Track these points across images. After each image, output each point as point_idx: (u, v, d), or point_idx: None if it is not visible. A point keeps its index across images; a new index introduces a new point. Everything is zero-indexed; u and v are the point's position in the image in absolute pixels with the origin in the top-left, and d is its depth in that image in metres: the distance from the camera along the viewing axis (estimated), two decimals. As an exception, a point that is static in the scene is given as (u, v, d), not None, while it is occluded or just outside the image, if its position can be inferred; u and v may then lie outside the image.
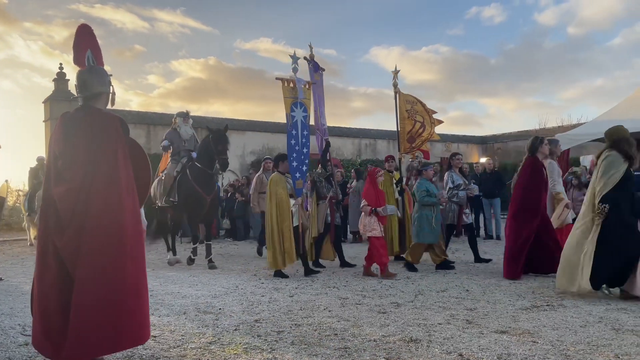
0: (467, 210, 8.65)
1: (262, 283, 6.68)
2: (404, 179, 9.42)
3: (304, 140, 7.66)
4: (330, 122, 10.71)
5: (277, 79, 7.77)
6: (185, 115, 9.25)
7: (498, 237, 11.90)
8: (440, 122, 9.25)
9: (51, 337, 3.18)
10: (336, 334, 4.12)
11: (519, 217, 6.67)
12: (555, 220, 6.96)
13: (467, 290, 5.87)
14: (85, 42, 3.62)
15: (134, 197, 3.44)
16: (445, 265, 7.59)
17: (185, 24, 41.47)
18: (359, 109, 47.40)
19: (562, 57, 45.63)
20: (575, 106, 56.75)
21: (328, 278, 6.98)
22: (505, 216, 7.32)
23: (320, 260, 8.12)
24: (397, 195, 8.59)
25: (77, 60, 3.62)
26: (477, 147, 26.67)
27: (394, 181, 8.69)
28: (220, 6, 43.47)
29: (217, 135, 8.42)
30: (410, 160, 10.10)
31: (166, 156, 9.36)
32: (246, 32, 46.04)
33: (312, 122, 8.22)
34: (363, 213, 7.32)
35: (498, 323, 4.37)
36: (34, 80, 42.43)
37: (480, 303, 5.19)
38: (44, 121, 17.69)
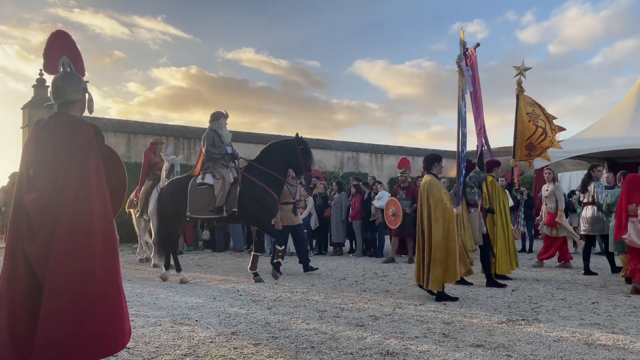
0: None
1: (240, 295, 6.63)
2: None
3: (464, 139, 6.72)
4: (313, 134, 10.71)
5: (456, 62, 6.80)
6: (226, 117, 8.25)
7: None
8: (562, 129, 8.53)
9: (17, 347, 3.11)
10: (313, 347, 4.11)
11: None
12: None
13: (445, 305, 5.91)
14: (58, 49, 3.59)
15: (106, 205, 3.39)
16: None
17: (166, 32, 41.30)
18: (342, 122, 47.63)
19: (543, 74, 46.54)
20: (556, 123, 57.77)
21: (307, 290, 6.96)
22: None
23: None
24: (511, 203, 8.27)
25: (48, 68, 3.60)
26: (458, 162, 26.98)
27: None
28: (202, 15, 43.45)
29: (307, 148, 7.88)
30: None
31: (201, 157, 8.25)
32: (228, 42, 46.03)
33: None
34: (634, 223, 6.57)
35: (474, 337, 4.41)
36: (9, 84, 41.75)
37: (457, 317, 5.22)
38: (22, 127, 17.42)
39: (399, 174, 11.37)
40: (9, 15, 38.64)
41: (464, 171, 6.68)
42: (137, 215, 10.53)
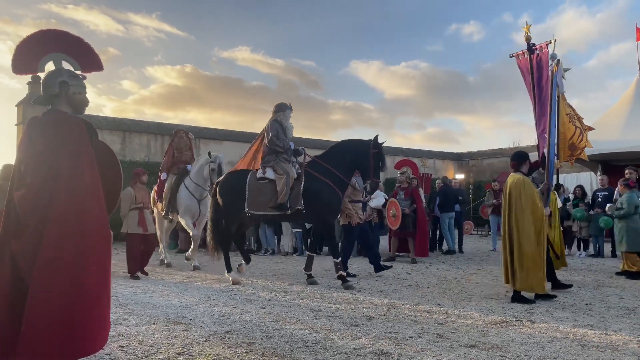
0: None
1: (235, 294, 6.62)
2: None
3: (553, 139, 6.44)
4: (309, 134, 10.61)
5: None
6: (290, 109, 7.74)
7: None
8: (591, 128, 8.44)
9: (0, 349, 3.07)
10: (307, 346, 4.11)
11: None
12: None
13: (439, 305, 5.92)
14: (40, 48, 3.48)
15: (100, 202, 3.36)
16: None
17: (161, 29, 41.29)
18: (338, 122, 47.75)
19: (538, 77, 46.73)
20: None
21: (301, 290, 6.96)
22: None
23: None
24: (560, 203, 8.28)
25: (16, 67, 3.45)
26: (453, 163, 27.05)
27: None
28: (197, 13, 43.44)
29: (382, 153, 7.37)
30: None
31: (253, 153, 7.86)
32: (224, 40, 46.02)
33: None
34: None
35: (468, 337, 4.42)
36: (1, 81, 41.63)
37: (451, 317, 5.23)
38: (16, 125, 17.33)
39: (398, 175, 11.36)
40: (1, 11, 38.51)
41: (553, 169, 6.52)
42: (163, 215, 9.71)
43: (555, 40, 7.14)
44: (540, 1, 45.40)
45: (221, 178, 8.10)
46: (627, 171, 9.41)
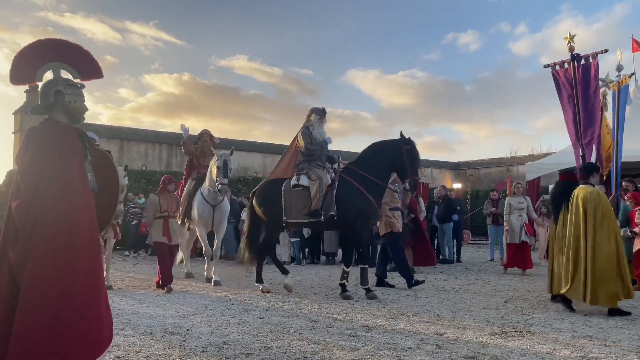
0: None
1: (232, 304, 6.58)
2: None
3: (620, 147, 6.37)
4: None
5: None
6: (322, 113, 7.57)
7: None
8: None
9: None
10: (306, 357, 4.07)
11: None
12: None
13: (438, 315, 5.89)
14: (37, 58, 3.48)
15: (91, 210, 3.33)
16: None
17: (159, 37, 41.41)
18: (335, 131, 47.88)
19: (534, 86, 47.04)
20: (547, 135, 58.38)
21: (299, 300, 6.93)
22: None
23: None
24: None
25: (14, 78, 3.45)
26: (450, 172, 27.10)
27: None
28: (194, 21, 43.62)
29: (415, 149, 7.11)
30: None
31: (288, 162, 7.67)
32: (221, 49, 46.20)
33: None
34: None
35: (467, 348, 4.39)
36: (-2, 88, 41.56)
37: (450, 328, 5.21)
38: (13, 133, 17.32)
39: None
40: (-1, 19, 38.53)
41: (620, 180, 6.49)
42: (179, 223, 8.94)
43: (620, 52, 7.14)
44: (537, 11, 45.80)
45: (257, 187, 7.98)
46: (624, 184, 9.39)
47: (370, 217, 7.25)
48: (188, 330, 5.03)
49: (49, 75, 3.56)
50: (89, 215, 3.30)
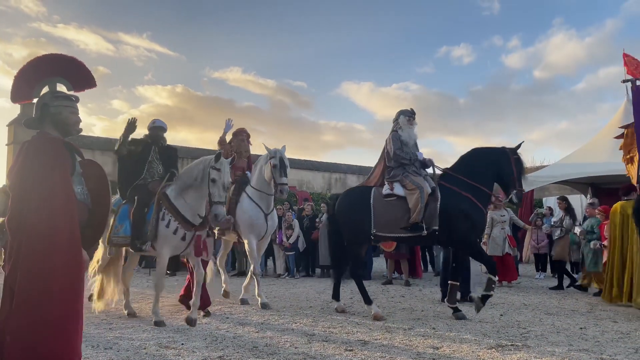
0: None
1: (227, 318, 6.53)
2: None
3: None
4: (300, 155, 10.48)
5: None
6: (411, 115, 6.94)
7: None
8: None
9: None
10: (302, 372, 4.04)
11: None
12: None
13: (434, 329, 5.87)
14: (36, 75, 3.50)
15: (74, 223, 3.27)
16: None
17: (152, 49, 41.33)
18: (330, 143, 47.86)
19: (527, 99, 47.35)
20: (540, 147, 58.76)
21: (295, 314, 6.88)
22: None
23: None
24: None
25: (14, 96, 3.50)
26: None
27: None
28: (188, 33, 43.58)
29: (522, 159, 6.68)
30: None
31: (381, 172, 6.99)
32: (215, 61, 46.16)
33: None
34: None
35: (464, 362, 4.37)
36: (-9, 101, 41.42)
37: (446, 342, 5.19)
38: (7, 144, 17.25)
39: None
40: (-10, 30, 38.53)
41: None
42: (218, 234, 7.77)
43: None
44: (529, 25, 46.18)
45: (340, 195, 7.30)
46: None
47: (484, 229, 7.05)
48: (183, 344, 4.98)
49: (45, 91, 3.57)
50: (70, 229, 3.24)
